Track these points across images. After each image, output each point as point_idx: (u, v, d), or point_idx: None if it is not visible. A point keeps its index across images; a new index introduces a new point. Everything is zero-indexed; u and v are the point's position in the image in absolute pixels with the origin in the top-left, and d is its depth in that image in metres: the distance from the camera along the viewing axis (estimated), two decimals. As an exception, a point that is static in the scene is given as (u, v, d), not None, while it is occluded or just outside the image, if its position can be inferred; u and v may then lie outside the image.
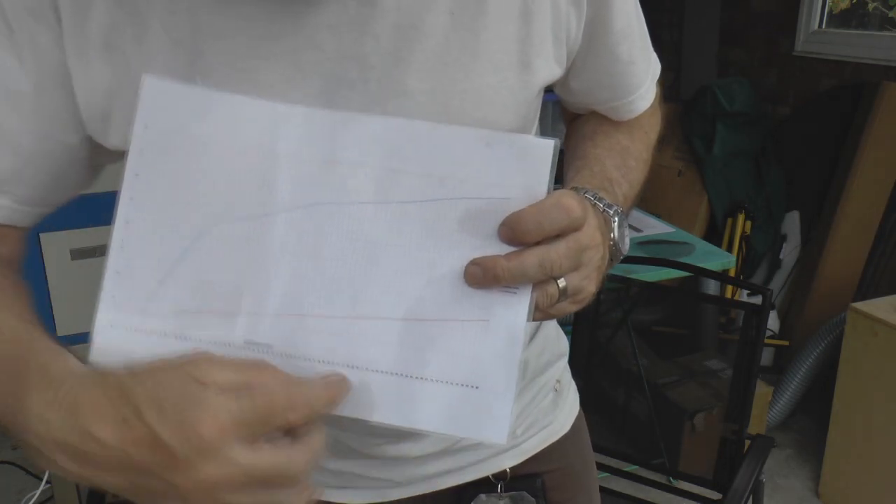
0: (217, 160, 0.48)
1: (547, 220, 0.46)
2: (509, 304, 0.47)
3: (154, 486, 0.41)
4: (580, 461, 0.81)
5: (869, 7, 2.85)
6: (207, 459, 0.40)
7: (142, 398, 0.41)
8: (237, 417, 0.40)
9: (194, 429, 0.39)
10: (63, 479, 1.66)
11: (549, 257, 0.47)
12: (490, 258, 0.47)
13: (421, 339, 0.47)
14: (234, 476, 0.40)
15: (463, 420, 0.47)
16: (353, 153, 0.48)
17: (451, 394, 0.47)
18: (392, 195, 0.48)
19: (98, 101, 0.54)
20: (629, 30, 0.66)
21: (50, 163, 0.57)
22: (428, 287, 0.48)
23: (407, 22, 0.54)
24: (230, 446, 0.40)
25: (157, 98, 0.48)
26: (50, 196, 0.59)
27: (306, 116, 0.48)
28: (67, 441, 0.42)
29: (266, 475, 0.41)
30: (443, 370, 0.47)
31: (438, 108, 0.56)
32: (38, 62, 0.53)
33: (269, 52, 0.53)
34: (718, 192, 2.90)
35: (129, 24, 0.52)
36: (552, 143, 0.48)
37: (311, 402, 0.43)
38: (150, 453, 0.40)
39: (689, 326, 2.65)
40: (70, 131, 0.56)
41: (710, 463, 1.62)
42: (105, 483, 0.43)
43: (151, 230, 0.49)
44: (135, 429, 0.40)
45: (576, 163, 0.66)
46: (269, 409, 0.41)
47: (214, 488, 0.40)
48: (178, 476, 0.40)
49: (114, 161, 0.62)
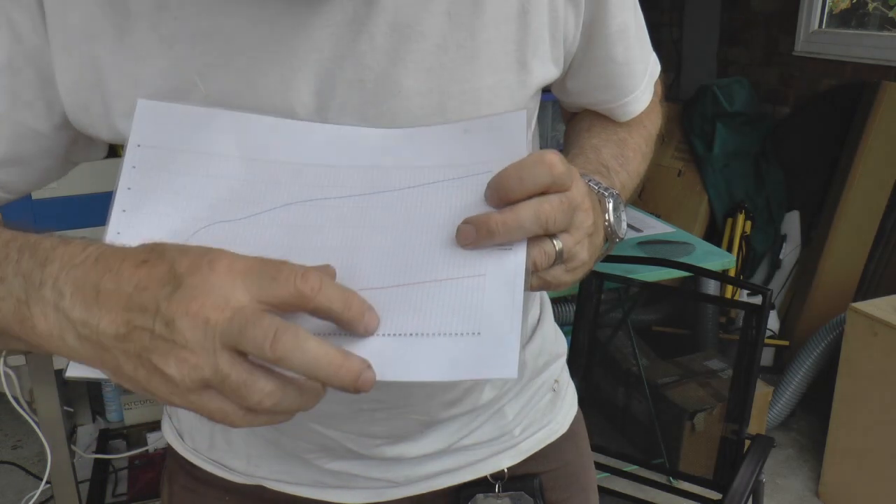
0: (203, 170, 0.51)
1: (529, 176, 0.46)
2: (506, 257, 0.47)
3: (147, 330, 0.40)
4: (578, 461, 0.81)
5: (869, 7, 2.85)
6: (207, 292, 0.39)
7: (167, 247, 0.42)
8: (250, 265, 0.40)
9: (209, 263, 0.40)
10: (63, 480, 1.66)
11: (543, 209, 0.46)
12: (483, 215, 0.46)
13: (416, 300, 0.47)
14: (224, 317, 0.39)
15: (468, 364, 0.46)
16: (337, 158, 0.51)
17: (453, 343, 0.46)
18: (378, 186, 0.50)
19: (79, 91, 0.54)
20: (626, 31, 0.65)
21: (17, 147, 0.56)
22: (420, 255, 0.48)
23: (403, 22, 0.54)
24: (234, 287, 0.39)
25: (150, 118, 0.51)
26: (14, 182, 0.58)
27: (291, 128, 0.51)
28: (86, 281, 0.42)
29: (248, 323, 0.39)
30: (441, 323, 0.47)
31: (435, 108, 0.56)
32: (12, 43, 0.53)
33: (266, 53, 0.53)
34: (718, 192, 2.90)
35: (112, 14, 0.52)
36: (524, 112, 0.50)
37: (324, 283, 0.41)
38: (159, 283, 0.40)
39: (689, 326, 2.65)
40: (40, 118, 0.56)
41: (710, 463, 1.62)
42: (102, 336, 0.41)
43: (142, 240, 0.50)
44: (154, 264, 0.41)
45: (571, 151, 0.66)
46: (281, 267, 0.41)
47: (205, 326, 0.39)
48: (174, 307, 0.39)
49: (87, 158, 0.62)
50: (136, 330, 0.40)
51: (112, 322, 0.41)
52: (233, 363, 0.39)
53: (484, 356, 0.46)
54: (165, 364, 0.39)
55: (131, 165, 0.50)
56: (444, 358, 0.46)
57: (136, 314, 0.40)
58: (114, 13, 0.52)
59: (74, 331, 0.42)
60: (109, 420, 2.28)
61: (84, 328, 0.42)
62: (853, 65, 2.70)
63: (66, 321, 0.42)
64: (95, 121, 0.55)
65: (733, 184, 2.88)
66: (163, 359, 0.39)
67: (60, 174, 0.62)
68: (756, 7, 3.12)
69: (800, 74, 2.93)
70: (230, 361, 0.39)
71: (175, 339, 0.39)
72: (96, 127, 0.55)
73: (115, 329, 0.41)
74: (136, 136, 0.51)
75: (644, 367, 2.32)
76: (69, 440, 1.70)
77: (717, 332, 2.62)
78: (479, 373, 0.46)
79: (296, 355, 0.39)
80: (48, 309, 0.43)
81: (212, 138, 0.51)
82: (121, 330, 0.40)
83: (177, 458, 0.74)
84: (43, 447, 1.65)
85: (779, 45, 3.02)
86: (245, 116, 0.51)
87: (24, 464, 2.30)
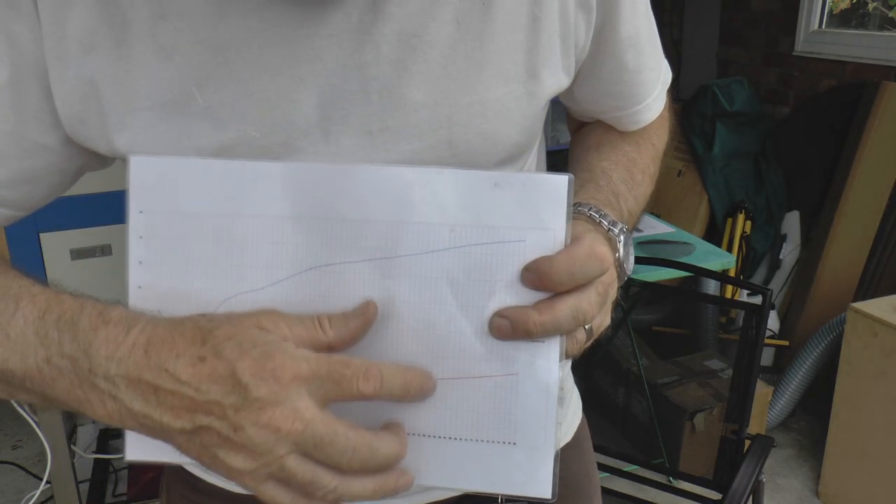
0: (216, 234, 0.47)
1: (581, 272, 0.45)
2: (538, 354, 0.46)
3: (215, 430, 0.41)
4: (582, 470, 0.79)
5: (869, 7, 2.85)
6: (276, 403, 0.40)
7: (221, 338, 0.41)
8: (314, 369, 0.41)
9: (273, 371, 0.40)
10: (63, 480, 1.66)
11: (582, 308, 0.45)
12: (519, 311, 0.45)
13: (450, 398, 0.46)
14: (296, 429, 0.40)
15: (506, 477, 0.46)
16: (354, 209, 0.46)
17: (490, 452, 0.46)
18: (400, 249, 0.46)
19: (74, 103, 0.52)
20: (637, 37, 0.63)
21: (26, 165, 0.54)
22: (449, 344, 0.46)
23: (410, 31, 0.52)
24: (300, 396, 0.40)
25: (147, 178, 0.47)
26: (23, 200, 0.57)
27: (300, 173, 0.46)
28: (141, 377, 0.42)
29: (324, 441, 0.41)
30: (477, 428, 0.46)
31: (442, 121, 0.54)
32: (15, 56, 0.51)
33: (267, 63, 0.51)
34: (718, 191, 2.90)
35: (110, 25, 0.50)
36: (566, 179, 0.45)
37: (384, 375, 0.43)
38: (223, 390, 0.40)
39: (689, 326, 2.65)
40: (48, 132, 0.53)
41: (710, 463, 1.62)
42: (166, 428, 0.42)
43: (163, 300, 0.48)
44: (213, 365, 0.40)
45: (581, 175, 0.64)
46: (344, 371, 0.42)
47: (275, 435, 0.40)
48: (243, 416, 0.40)
49: (95, 168, 0.60)
50: (202, 429, 0.41)
51: (176, 419, 0.42)
52: (299, 464, 0.41)
53: (520, 471, 0.46)
54: (233, 460, 0.41)
55: (138, 235, 0.48)
56: (484, 466, 0.46)
57: (201, 416, 0.41)
58: (112, 25, 0.50)
59: (136, 420, 0.43)
60: (109, 420, 2.27)
61: (146, 420, 0.43)
62: (853, 65, 2.71)
63: (127, 412, 0.43)
64: (93, 134, 0.53)
65: (733, 184, 2.88)
66: (230, 455, 0.41)
67: (68, 187, 0.60)
68: (756, 7, 3.12)
69: (800, 74, 2.93)
70: (297, 463, 0.41)
71: (244, 443, 0.41)
72: (94, 140, 0.53)
73: (180, 425, 0.42)
74: (137, 202, 0.47)
75: (644, 367, 2.32)
76: (69, 440, 1.71)
77: (717, 332, 2.62)
78: (515, 488, 0.46)
79: (368, 466, 0.42)
80: (105, 397, 0.43)
81: (215, 196, 0.47)
82: (186, 426, 0.42)
83: (175, 468, 0.73)
84: (43, 447, 1.65)
85: (779, 45, 3.02)
86: (242, 164, 0.47)
87: (24, 464, 2.30)
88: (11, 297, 0.47)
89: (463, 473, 0.47)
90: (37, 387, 0.46)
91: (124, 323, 0.43)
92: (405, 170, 0.46)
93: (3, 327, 0.46)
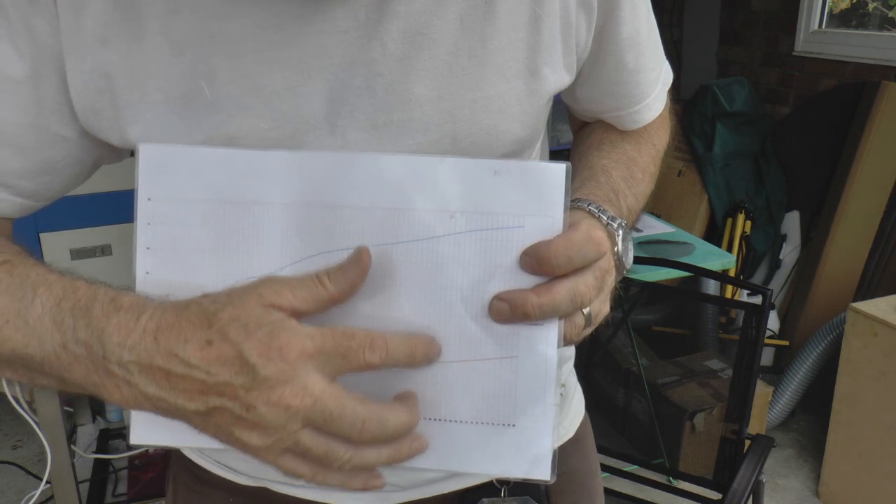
0: (223, 222, 0.48)
1: (578, 256, 0.45)
2: (536, 337, 0.46)
3: (228, 410, 0.42)
4: (585, 466, 0.80)
5: (869, 7, 2.85)
6: (285, 381, 0.41)
7: (226, 321, 0.42)
8: (319, 345, 0.42)
9: (279, 350, 0.41)
10: (63, 480, 1.66)
11: (579, 290, 0.46)
12: (518, 294, 0.46)
13: (450, 381, 0.47)
14: (306, 405, 0.41)
15: (506, 459, 0.47)
16: (356, 196, 0.47)
17: (489, 434, 0.47)
18: (401, 235, 0.47)
19: (89, 95, 0.53)
20: (638, 38, 0.64)
21: (45, 156, 0.56)
22: (450, 328, 0.47)
23: (416, 28, 0.53)
24: (308, 372, 0.42)
25: (155, 166, 0.48)
26: (42, 190, 0.58)
27: (304, 161, 0.47)
28: (153, 363, 0.43)
29: (333, 415, 0.42)
30: (477, 411, 0.47)
31: (445, 116, 0.55)
32: (35, 50, 0.52)
33: (276, 58, 0.52)
34: (718, 191, 2.90)
35: (124, 20, 0.51)
36: (563, 167, 0.46)
37: (389, 344, 0.44)
38: (231, 371, 0.42)
39: (689, 326, 2.65)
40: (66, 124, 0.55)
41: (710, 463, 1.63)
42: (181, 410, 0.44)
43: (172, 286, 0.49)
44: (220, 348, 0.42)
45: (582, 173, 0.65)
46: (349, 343, 0.43)
47: (286, 412, 0.41)
48: (254, 396, 0.41)
49: (111, 161, 0.62)
50: (216, 410, 0.43)
51: (190, 401, 0.43)
52: (313, 438, 0.43)
53: (520, 453, 0.47)
54: (248, 437, 0.43)
55: (146, 222, 0.48)
56: (479, 449, 0.47)
57: (214, 398, 0.43)
58: (127, 19, 0.51)
59: (151, 403, 0.45)
60: (109, 420, 2.28)
61: (161, 402, 0.44)
62: (853, 65, 2.71)
63: (142, 395, 0.44)
64: (106, 125, 0.54)
65: (733, 184, 2.88)
66: (245, 433, 0.43)
67: (85, 179, 0.61)
68: (756, 7, 3.12)
69: (800, 74, 2.93)
70: (311, 436, 0.43)
71: (257, 421, 0.42)
72: (107, 132, 0.55)
73: (194, 407, 0.43)
74: (145, 189, 0.48)
75: (644, 367, 2.32)
76: (69, 440, 1.71)
77: (717, 332, 2.62)
78: (514, 470, 0.47)
79: (379, 437, 0.44)
80: (120, 382, 0.45)
81: (222, 183, 0.48)
82: (200, 408, 0.43)
83: (182, 460, 0.74)
84: (43, 447, 1.65)
85: (779, 45, 3.02)
86: (247, 153, 0.48)
87: (24, 464, 2.30)
88: (30, 286, 0.48)
89: (462, 455, 0.47)
90: (55, 371, 0.47)
91: (135, 309, 0.45)
92: (407, 158, 0.47)
93: (22, 314, 0.47)
